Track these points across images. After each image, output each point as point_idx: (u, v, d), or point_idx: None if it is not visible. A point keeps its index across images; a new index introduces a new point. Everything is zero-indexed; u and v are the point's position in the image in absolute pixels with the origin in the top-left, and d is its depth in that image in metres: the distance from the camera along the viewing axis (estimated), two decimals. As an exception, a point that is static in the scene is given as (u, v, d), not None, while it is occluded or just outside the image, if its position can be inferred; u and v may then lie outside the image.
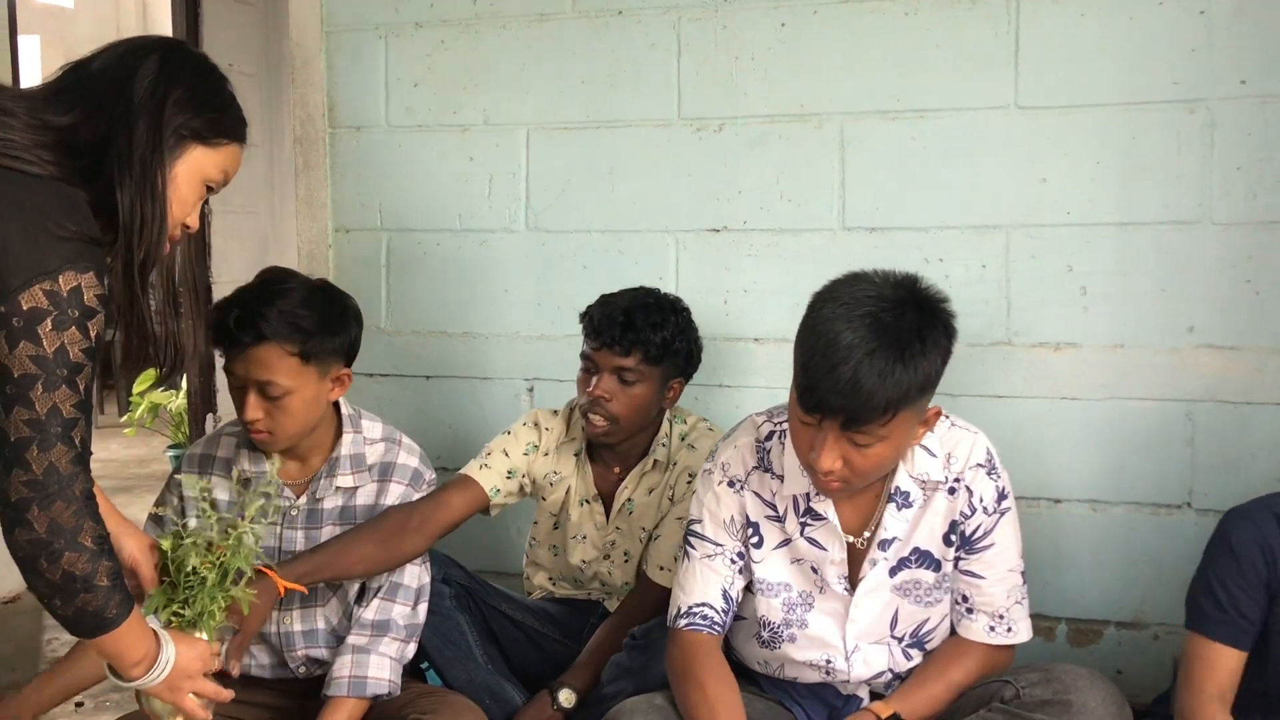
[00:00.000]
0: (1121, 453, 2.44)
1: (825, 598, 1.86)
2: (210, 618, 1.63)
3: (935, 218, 2.52)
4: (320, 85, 2.92)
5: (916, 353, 1.60)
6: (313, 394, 1.96)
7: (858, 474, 1.67)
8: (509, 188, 2.82)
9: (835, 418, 1.61)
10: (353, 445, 2.08)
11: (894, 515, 1.80)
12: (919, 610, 1.86)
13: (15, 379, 1.31)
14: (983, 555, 1.83)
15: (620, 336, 2.17)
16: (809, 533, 1.83)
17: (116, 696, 2.67)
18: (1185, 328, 2.39)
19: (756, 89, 2.62)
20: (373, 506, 2.08)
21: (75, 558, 1.34)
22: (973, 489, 1.81)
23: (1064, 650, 2.51)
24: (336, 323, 2.00)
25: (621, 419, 2.21)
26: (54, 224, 1.34)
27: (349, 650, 1.99)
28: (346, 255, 2.95)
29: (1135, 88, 2.39)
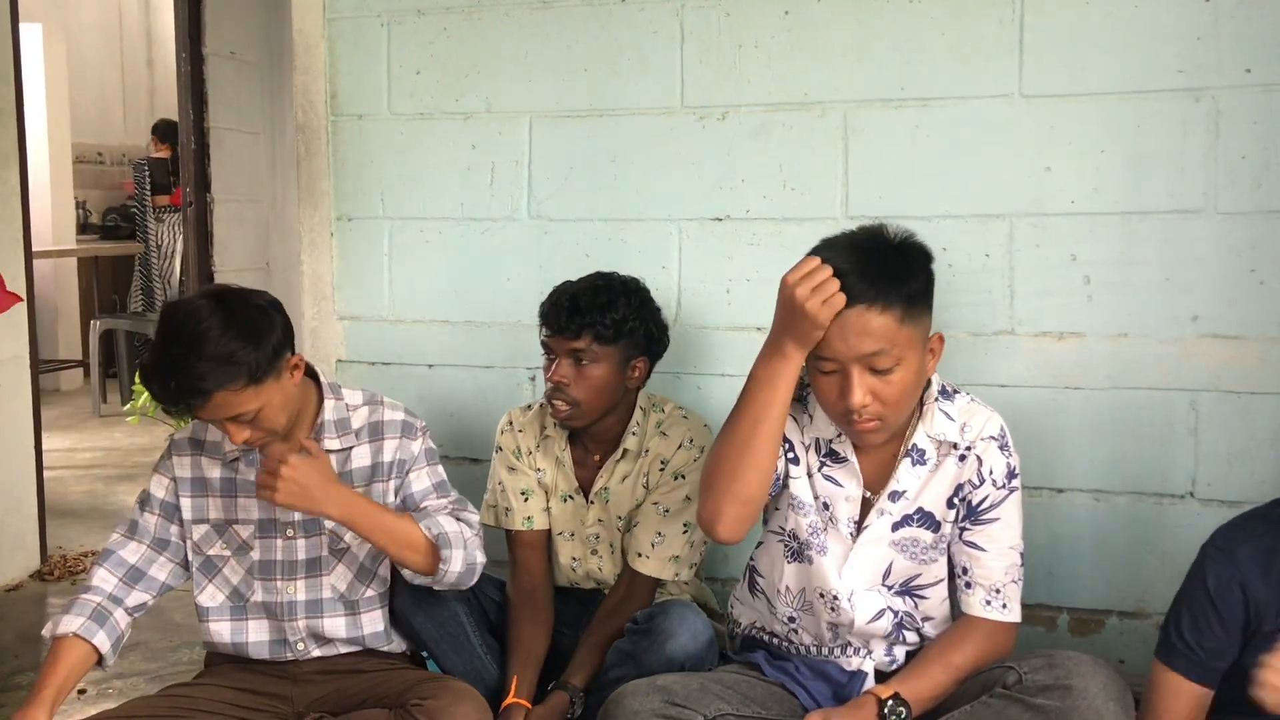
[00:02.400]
0: (1125, 442, 2.43)
1: (830, 537, 1.93)
2: None
3: (939, 206, 2.52)
4: (322, 72, 2.92)
5: (898, 265, 1.78)
6: (280, 398, 1.98)
7: (889, 405, 1.78)
8: (511, 176, 2.81)
9: (842, 324, 1.73)
10: (335, 411, 2.11)
11: (908, 470, 1.89)
12: (912, 565, 1.93)
13: None
14: (987, 528, 1.89)
15: (569, 321, 2.21)
16: (827, 471, 1.92)
17: (119, 684, 2.68)
18: (1189, 317, 2.39)
19: (760, 77, 2.61)
20: (371, 467, 2.10)
21: None
22: (983, 459, 1.88)
23: (1066, 640, 2.51)
24: (262, 333, 1.92)
25: (582, 402, 2.23)
26: None
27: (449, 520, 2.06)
28: (348, 244, 2.94)
29: (1140, 76, 2.38)
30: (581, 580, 2.39)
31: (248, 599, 2.10)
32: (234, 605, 2.11)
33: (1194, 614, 1.75)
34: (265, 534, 2.10)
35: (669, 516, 2.26)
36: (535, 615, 2.27)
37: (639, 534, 2.27)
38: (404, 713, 1.89)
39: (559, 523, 2.36)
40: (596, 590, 2.38)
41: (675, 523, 2.26)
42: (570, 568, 2.38)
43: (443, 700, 1.89)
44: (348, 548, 2.10)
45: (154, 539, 2.10)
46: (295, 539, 2.10)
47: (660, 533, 2.26)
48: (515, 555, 2.36)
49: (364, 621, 2.12)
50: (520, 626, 2.25)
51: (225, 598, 2.11)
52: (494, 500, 2.39)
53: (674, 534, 2.26)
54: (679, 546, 2.27)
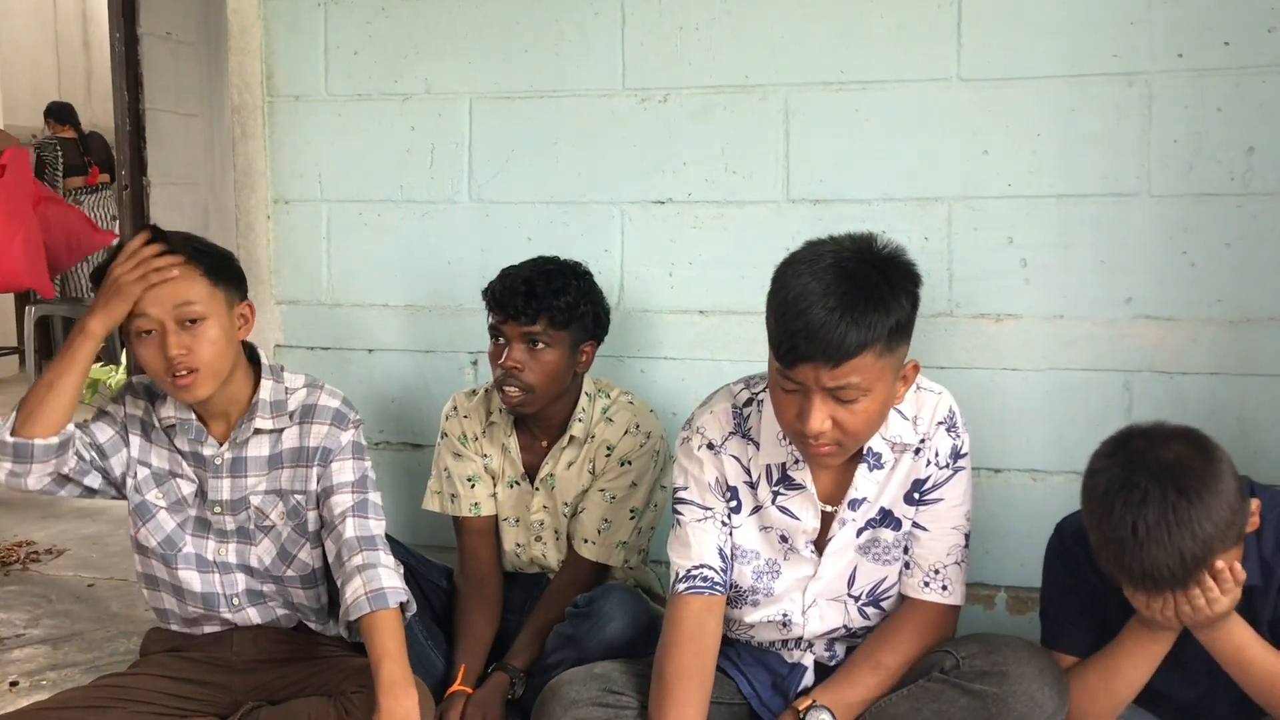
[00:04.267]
0: (1061, 423, 2.47)
1: (790, 564, 1.88)
2: None
3: (878, 190, 2.53)
4: (258, 53, 2.87)
5: (884, 293, 1.64)
6: (226, 322, 1.99)
7: (849, 434, 1.69)
8: (452, 158, 2.78)
9: (814, 365, 1.62)
10: (273, 392, 2.08)
11: (865, 476, 1.83)
12: (877, 569, 1.88)
13: None
14: (931, 508, 1.86)
15: (524, 306, 2.19)
16: (782, 501, 1.85)
17: (54, 675, 2.63)
18: (1124, 299, 2.42)
19: (701, 60, 2.61)
20: (298, 450, 2.07)
21: None
22: (934, 446, 1.84)
23: (1004, 618, 2.55)
24: (229, 257, 2.08)
25: (537, 387, 2.22)
26: None
27: (355, 572, 1.98)
28: (285, 226, 2.90)
29: (1075, 60, 2.40)
30: (525, 566, 2.38)
31: (179, 549, 2.08)
32: (165, 553, 2.08)
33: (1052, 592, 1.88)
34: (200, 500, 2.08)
35: (615, 503, 2.26)
36: (484, 604, 2.26)
37: (585, 520, 2.27)
38: (345, 700, 1.88)
39: (504, 508, 2.35)
40: (541, 575, 2.38)
41: (622, 509, 2.26)
42: (514, 553, 2.37)
43: (385, 689, 1.87)
44: (273, 525, 2.08)
45: (96, 449, 2.07)
46: (223, 515, 2.07)
47: (606, 519, 2.25)
48: (463, 542, 2.34)
49: (293, 593, 2.11)
50: (469, 614, 2.24)
51: (157, 544, 2.08)
52: (439, 486, 2.37)
53: (621, 520, 2.26)
54: (625, 533, 2.27)
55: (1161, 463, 1.58)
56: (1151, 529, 1.54)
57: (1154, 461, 1.59)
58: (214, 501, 2.06)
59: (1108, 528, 1.59)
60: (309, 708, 1.92)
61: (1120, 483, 1.59)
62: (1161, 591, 1.60)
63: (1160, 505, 1.55)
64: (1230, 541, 1.59)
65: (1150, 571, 1.56)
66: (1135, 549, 1.56)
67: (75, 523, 3.92)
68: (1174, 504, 1.55)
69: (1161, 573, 1.56)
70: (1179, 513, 1.54)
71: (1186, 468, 1.57)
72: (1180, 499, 1.55)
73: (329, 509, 2.04)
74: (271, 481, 2.07)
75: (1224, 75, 2.33)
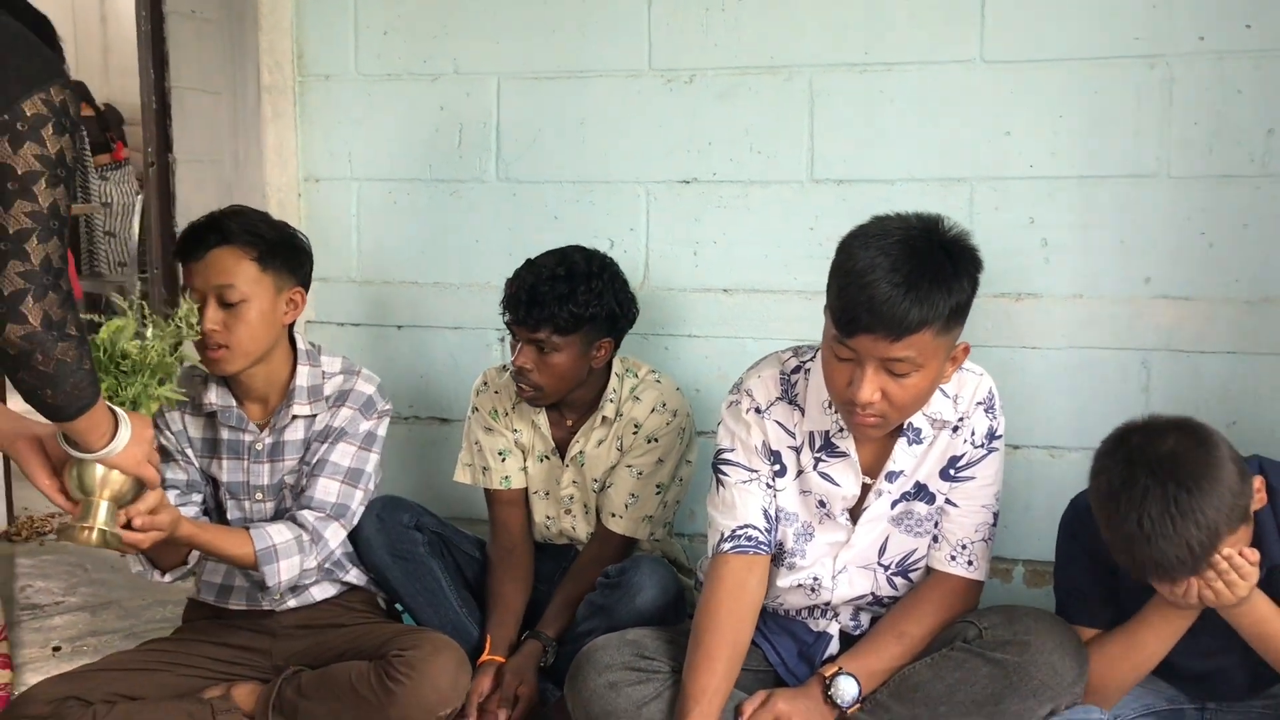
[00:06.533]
0: (1080, 400, 2.51)
1: (825, 528, 1.93)
2: (146, 399, 1.72)
3: (902, 170, 2.56)
4: (289, 32, 2.91)
5: (948, 273, 1.69)
6: (269, 306, 2.04)
7: (896, 407, 1.73)
8: (480, 137, 2.83)
9: (874, 336, 1.66)
10: (309, 378, 2.14)
11: (904, 449, 1.88)
12: (908, 540, 1.93)
13: (19, 175, 1.40)
14: (962, 485, 1.91)
15: (527, 314, 2.21)
16: (823, 468, 1.89)
17: (94, 641, 2.71)
18: (1142, 279, 2.46)
19: (727, 41, 2.64)
20: (325, 430, 2.13)
21: (66, 347, 1.42)
22: (971, 425, 1.89)
23: (1021, 590, 2.60)
24: (292, 240, 2.13)
25: (546, 387, 2.26)
26: (31, 44, 1.46)
27: (287, 519, 2.07)
28: (316, 204, 2.95)
29: (1097, 43, 2.43)
30: (555, 537, 2.44)
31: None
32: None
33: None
34: (235, 496, 2.14)
35: (642, 478, 2.31)
36: (515, 573, 2.32)
37: (613, 495, 2.32)
38: (384, 663, 1.95)
39: (534, 482, 2.40)
40: (569, 546, 2.44)
41: (648, 484, 2.32)
42: (544, 525, 2.43)
43: (423, 651, 1.94)
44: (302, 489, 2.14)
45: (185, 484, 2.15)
46: (264, 501, 2.14)
47: (634, 494, 2.31)
48: (494, 513, 2.40)
49: None
50: (501, 584, 2.30)
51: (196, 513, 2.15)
52: (471, 459, 2.43)
53: (648, 495, 2.31)
54: (652, 507, 2.32)
55: (1159, 456, 1.62)
56: (1156, 523, 1.59)
57: (1152, 456, 1.63)
58: (256, 487, 2.12)
59: (1116, 525, 1.64)
60: (349, 671, 1.99)
61: (1122, 480, 1.64)
62: (1177, 580, 1.65)
63: (1162, 499, 1.59)
64: (1236, 523, 1.64)
65: (1161, 563, 1.61)
66: (1144, 543, 1.60)
67: (105, 494, 3.99)
68: (1175, 496, 1.59)
69: (1172, 563, 1.61)
70: (1180, 504, 1.58)
71: (1184, 459, 1.62)
72: (1180, 491, 1.59)
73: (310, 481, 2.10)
74: (303, 461, 2.13)
75: (1244, 58, 2.36)
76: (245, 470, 2.12)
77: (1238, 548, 1.64)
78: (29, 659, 2.58)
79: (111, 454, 1.58)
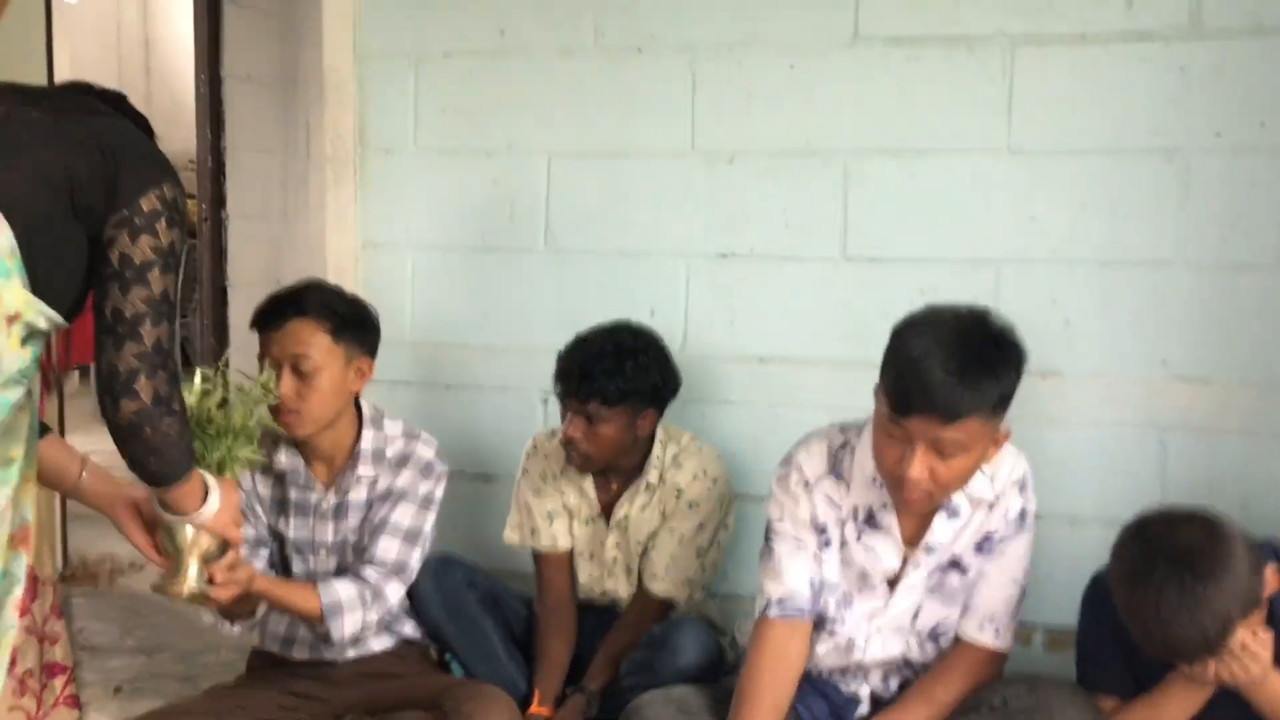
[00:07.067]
0: (1099, 475, 2.62)
1: (863, 596, 2.04)
2: (232, 462, 1.83)
3: (931, 250, 2.70)
4: (352, 108, 3.08)
5: (997, 363, 1.84)
6: (339, 375, 2.18)
7: (941, 486, 1.86)
8: (530, 210, 2.98)
9: (927, 418, 1.79)
10: (374, 441, 2.27)
11: (943, 523, 2.00)
12: (940, 608, 2.05)
13: (136, 264, 1.52)
14: (995, 560, 2.03)
15: (578, 388, 2.35)
16: (866, 540, 2.01)
17: (152, 683, 2.83)
18: (1160, 360, 2.58)
19: (766, 125, 2.79)
20: (386, 491, 2.26)
21: (171, 422, 1.55)
22: (1006, 503, 2.02)
23: (1040, 654, 2.70)
24: (363, 314, 2.28)
25: (594, 455, 2.40)
26: (147, 147, 1.59)
27: (352, 574, 2.21)
28: (374, 269, 3.11)
29: (1118, 136, 2.57)
30: (598, 597, 2.56)
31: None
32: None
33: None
34: (301, 553, 2.28)
35: (683, 542, 2.44)
36: (561, 630, 2.44)
37: (655, 558, 2.45)
38: (441, 714, 2.07)
39: (580, 544, 2.53)
40: (612, 606, 2.56)
41: (689, 548, 2.44)
42: (588, 585, 2.55)
43: (477, 703, 2.07)
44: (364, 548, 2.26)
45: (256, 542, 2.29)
46: (329, 557, 2.28)
47: (674, 557, 2.43)
48: (542, 573, 2.53)
49: None
50: (548, 641, 2.42)
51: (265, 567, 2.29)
52: (519, 521, 2.56)
53: (687, 559, 2.44)
54: (692, 570, 2.45)
55: (1176, 547, 1.73)
56: (1173, 610, 1.70)
57: (1169, 547, 1.74)
58: (321, 545, 2.26)
59: (1135, 610, 1.75)
60: (407, 720, 2.11)
61: (1141, 569, 1.74)
62: (1193, 662, 1.76)
63: (1178, 589, 1.70)
64: (1249, 609, 1.74)
65: (1178, 647, 1.72)
66: (1162, 628, 1.71)
67: (152, 538, 4.12)
68: (1190, 587, 1.69)
69: (1189, 647, 1.72)
70: (1195, 595, 1.69)
71: (1199, 551, 1.72)
72: (1196, 582, 1.70)
73: (372, 540, 2.23)
74: (365, 520, 2.27)
75: (1259, 154, 2.49)
76: (311, 528, 2.26)
77: (1252, 630, 1.75)
78: (91, 699, 2.69)
79: (202, 518, 1.72)
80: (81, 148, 1.53)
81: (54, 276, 1.53)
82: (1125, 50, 2.54)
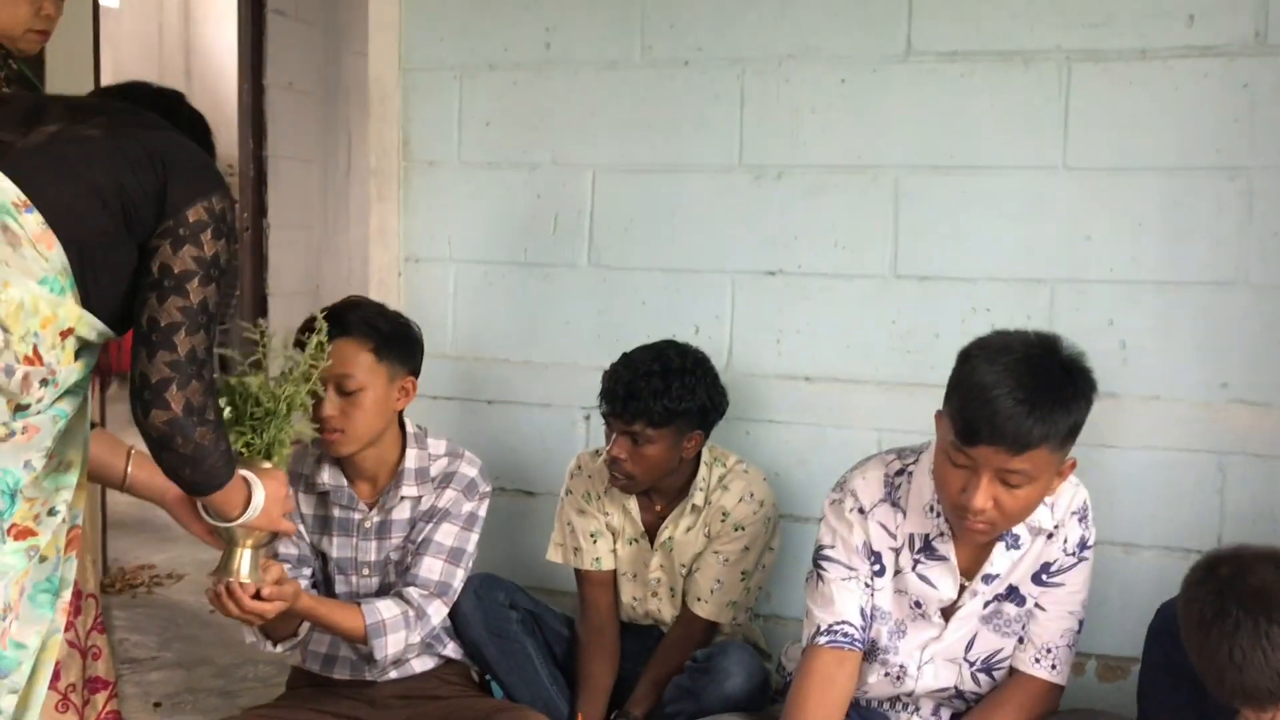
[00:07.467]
0: (1154, 499, 2.56)
1: (917, 626, 2.00)
2: (281, 446, 1.80)
3: (983, 269, 2.65)
4: (396, 121, 3.06)
5: (1069, 394, 1.78)
6: (383, 394, 2.16)
7: (1005, 515, 1.82)
8: (574, 224, 2.95)
9: (995, 448, 1.74)
10: (417, 460, 2.25)
11: (1002, 553, 1.95)
12: (995, 639, 2.00)
13: (176, 274, 1.52)
14: (1052, 591, 1.98)
15: (624, 408, 2.32)
16: (921, 570, 1.97)
17: (190, 698, 2.82)
18: (1219, 383, 2.52)
19: (815, 141, 2.75)
20: (430, 510, 2.24)
21: (205, 431, 1.53)
22: (1065, 533, 1.97)
23: (1093, 684, 2.64)
24: (406, 333, 2.25)
25: (638, 476, 2.36)
26: (197, 158, 1.59)
27: (395, 594, 2.18)
28: (416, 283, 3.09)
29: (1179, 154, 2.51)
30: (640, 618, 2.53)
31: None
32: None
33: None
34: (344, 572, 2.26)
35: (728, 565, 2.40)
36: (604, 652, 2.41)
37: (699, 580, 2.41)
38: (483, 737, 2.04)
39: (623, 564, 2.50)
40: (654, 627, 2.52)
41: (734, 571, 2.40)
42: (631, 606, 2.52)
43: (519, 727, 2.03)
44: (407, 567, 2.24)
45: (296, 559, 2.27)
46: (370, 577, 2.25)
47: (719, 580, 2.39)
48: (584, 593, 2.50)
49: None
50: (590, 663, 2.39)
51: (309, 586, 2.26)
52: (563, 539, 2.53)
53: (732, 581, 2.40)
54: (737, 593, 2.41)
55: (1249, 590, 1.66)
56: (1247, 654, 1.63)
57: (1242, 589, 1.67)
58: (364, 564, 2.24)
59: (1206, 655, 1.69)
60: (450, 744, 2.08)
61: (1213, 612, 1.67)
62: (1265, 708, 1.70)
63: (1252, 633, 1.63)
64: None
65: (1252, 692, 1.66)
66: (1235, 673, 1.65)
67: (191, 547, 4.12)
68: (1265, 631, 1.63)
69: (1261, 693, 1.65)
70: (1271, 637, 1.62)
71: (1273, 593, 1.66)
72: (1271, 625, 1.63)
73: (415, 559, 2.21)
74: (408, 539, 2.24)
75: (1325, 173, 2.43)
76: (354, 547, 2.24)
77: None
78: (131, 712, 2.70)
79: (247, 521, 1.70)
80: (133, 163, 1.53)
81: (106, 290, 1.53)
82: (1187, 66, 2.48)
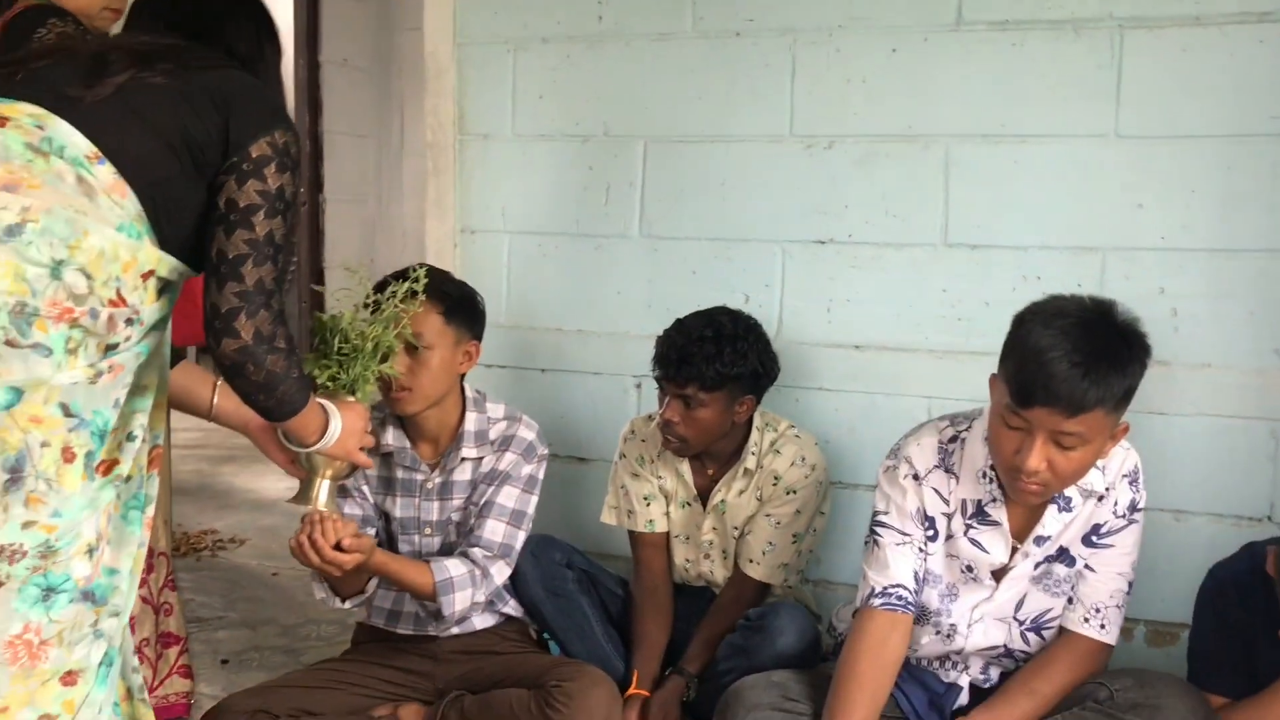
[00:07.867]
0: (1205, 467, 2.57)
1: (968, 589, 2.03)
2: (364, 383, 1.87)
3: (1034, 238, 2.66)
4: (451, 95, 3.12)
5: (1124, 358, 1.81)
6: (449, 356, 2.24)
7: (1059, 477, 1.85)
8: (625, 196, 3.00)
9: (1050, 410, 1.77)
10: (477, 423, 2.32)
11: (1054, 516, 1.98)
12: (1045, 599, 2.03)
13: (241, 208, 1.56)
14: (1102, 553, 2.00)
15: (676, 371, 2.36)
16: (973, 534, 2.00)
17: (256, 656, 2.92)
18: (1272, 350, 2.51)
19: (866, 109, 2.77)
20: (490, 473, 2.30)
21: (276, 359, 1.58)
22: (1116, 495, 1.99)
23: (1141, 649, 2.66)
24: (472, 299, 2.34)
25: (691, 439, 2.40)
26: (260, 95, 1.63)
27: (461, 554, 2.26)
28: (471, 254, 3.15)
29: (1233, 120, 2.50)
30: (693, 579, 2.58)
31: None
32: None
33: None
34: (406, 531, 2.33)
35: (780, 528, 2.45)
36: (657, 612, 2.47)
37: (751, 542, 2.46)
38: (544, 693, 2.10)
39: (676, 527, 2.55)
40: (706, 588, 2.58)
41: (785, 534, 2.45)
42: (684, 567, 2.57)
43: (580, 683, 2.10)
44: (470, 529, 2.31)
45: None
46: (433, 536, 2.32)
47: (771, 542, 2.44)
48: (638, 555, 2.55)
49: None
50: (644, 622, 2.45)
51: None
52: (617, 502, 2.59)
53: (784, 544, 2.45)
54: (788, 555, 2.45)
55: None
56: None
57: None
58: (426, 523, 2.31)
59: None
60: (510, 697, 2.14)
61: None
62: None
63: None
64: None
65: None
66: None
67: (251, 514, 4.24)
68: None
69: None
70: None
71: None
72: None
73: (478, 522, 2.27)
74: (469, 501, 2.31)
75: (1381, 139, 2.41)
76: (417, 507, 2.31)
77: None
78: (200, 669, 2.79)
79: (324, 448, 1.77)
80: (198, 107, 1.58)
81: (180, 230, 1.59)
82: (1242, 32, 2.47)
